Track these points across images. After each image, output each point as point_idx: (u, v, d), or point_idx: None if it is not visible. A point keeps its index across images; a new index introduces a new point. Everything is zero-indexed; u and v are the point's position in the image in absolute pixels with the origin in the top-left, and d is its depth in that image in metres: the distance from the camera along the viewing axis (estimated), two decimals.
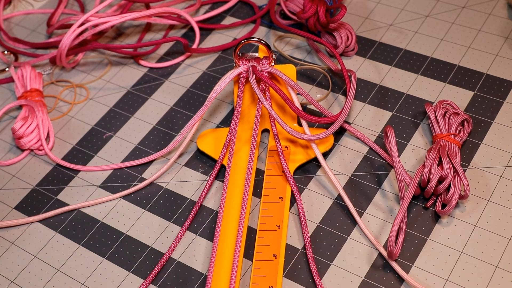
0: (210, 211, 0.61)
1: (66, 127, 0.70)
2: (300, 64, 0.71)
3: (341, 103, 0.67)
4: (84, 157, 0.67)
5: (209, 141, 0.65)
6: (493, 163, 0.60)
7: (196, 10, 0.80)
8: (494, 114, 0.63)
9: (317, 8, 0.69)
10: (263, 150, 0.64)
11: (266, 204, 0.59)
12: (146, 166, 0.65)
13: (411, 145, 0.62)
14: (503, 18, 0.72)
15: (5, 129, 0.71)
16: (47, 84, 0.75)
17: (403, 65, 0.69)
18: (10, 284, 0.59)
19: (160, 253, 0.59)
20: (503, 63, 0.67)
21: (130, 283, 0.57)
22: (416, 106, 0.65)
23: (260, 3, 0.79)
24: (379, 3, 0.76)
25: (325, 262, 0.56)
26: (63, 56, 0.72)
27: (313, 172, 0.62)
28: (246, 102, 0.65)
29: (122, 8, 0.80)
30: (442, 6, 0.74)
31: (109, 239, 0.60)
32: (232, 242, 0.56)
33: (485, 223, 0.56)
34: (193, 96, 0.71)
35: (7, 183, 0.66)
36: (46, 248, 0.61)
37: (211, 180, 0.62)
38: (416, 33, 0.72)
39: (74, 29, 0.71)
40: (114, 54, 0.77)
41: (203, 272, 0.57)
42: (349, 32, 0.70)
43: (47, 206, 0.64)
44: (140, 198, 0.63)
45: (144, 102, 0.71)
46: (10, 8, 0.86)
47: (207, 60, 0.74)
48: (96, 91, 0.73)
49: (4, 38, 0.81)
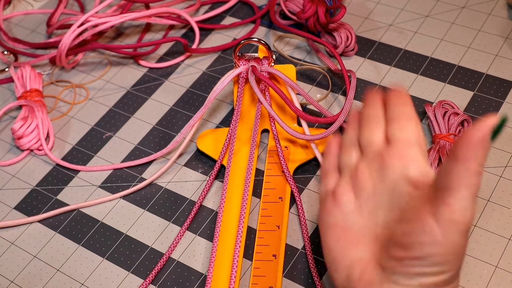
0: (210, 211, 0.61)
1: (66, 127, 0.70)
2: (299, 64, 0.71)
3: (341, 103, 0.67)
4: (84, 157, 0.67)
5: (209, 141, 0.65)
6: (493, 163, 0.60)
7: (196, 10, 0.80)
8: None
9: (316, 8, 0.69)
10: (263, 150, 0.64)
11: (266, 204, 0.59)
12: (146, 166, 0.65)
13: None
14: (503, 18, 0.72)
15: (5, 129, 0.71)
16: (47, 84, 0.75)
17: (403, 65, 0.69)
18: (10, 284, 0.59)
19: (160, 253, 0.59)
20: (503, 63, 0.67)
21: (130, 283, 0.57)
22: (416, 106, 0.65)
23: (260, 3, 0.79)
24: (379, 3, 0.76)
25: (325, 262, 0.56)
26: (63, 56, 0.72)
27: (313, 172, 0.62)
28: (245, 102, 0.65)
29: (122, 8, 0.80)
30: (442, 6, 0.74)
31: (109, 239, 0.60)
32: (231, 242, 0.56)
33: (485, 223, 0.56)
34: (193, 96, 0.70)
35: (7, 183, 0.66)
36: (46, 248, 0.61)
37: (211, 180, 0.62)
38: (416, 33, 0.72)
39: (74, 29, 0.71)
40: (114, 54, 0.77)
41: (202, 272, 0.57)
42: (348, 32, 0.70)
43: (47, 206, 0.64)
44: (140, 198, 0.63)
45: (144, 102, 0.71)
46: (10, 8, 0.86)
47: (207, 60, 0.74)
48: (95, 91, 0.73)
49: (4, 38, 0.81)
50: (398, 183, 0.42)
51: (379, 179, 0.43)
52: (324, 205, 0.46)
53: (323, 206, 0.46)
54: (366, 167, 0.44)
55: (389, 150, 0.43)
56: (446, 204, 0.39)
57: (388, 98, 0.46)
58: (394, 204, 0.42)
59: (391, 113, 0.45)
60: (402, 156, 0.43)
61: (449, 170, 0.39)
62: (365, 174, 0.44)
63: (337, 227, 0.45)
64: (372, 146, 0.45)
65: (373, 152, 0.45)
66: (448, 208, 0.38)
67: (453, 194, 0.38)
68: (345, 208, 0.45)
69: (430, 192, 0.40)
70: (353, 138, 0.47)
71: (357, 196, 0.44)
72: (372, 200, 0.44)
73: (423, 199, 0.40)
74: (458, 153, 0.38)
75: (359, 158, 0.46)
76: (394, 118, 0.45)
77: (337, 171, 0.47)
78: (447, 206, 0.39)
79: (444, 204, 0.39)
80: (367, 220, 0.44)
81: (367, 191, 0.44)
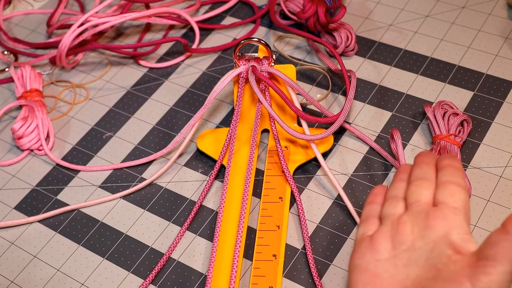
0: (210, 211, 0.61)
1: (66, 127, 0.70)
2: (300, 64, 0.71)
3: (341, 103, 0.67)
4: (84, 157, 0.67)
5: (209, 141, 0.65)
6: (493, 163, 0.60)
7: (196, 10, 0.80)
8: (494, 114, 0.63)
9: (316, 8, 0.69)
10: (263, 150, 0.64)
11: (266, 204, 0.59)
12: (146, 166, 0.65)
13: (411, 145, 0.62)
14: (503, 18, 0.72)
15: (5, 129, 0.71)
16: (47, 84, 0.75)
17: (403, 65, 0.69)
18: (10, 284, 0.59)
19: (160, 253, 0.59)
20: (503, 63, 0.67)
21: (130, 283, 0.57)
22: (416, 106, 0.65)
23: (260, 3, 0.79)
24: (379, 3, 0.76)
25: (325, 262, 0.56)
26: (63, 56, 0.72)
27: (313, 172, 0.62)
28: (246, 102, 0.65)
29: (122, 8, 0.80)
30: (442, 6, 0.74)
31: (109, 239, 0.60)
32: (231, 242, 0.56)
33: (485, 223, 0.56)
34: (193, 96, 0.70)
35: (7, 183, 0.66)
36: (46, 248, 0.61)
37: (211, 180, 0.62)
38: (416, 33, 0.72)
39: (74, 29, 0.71)
40: (114, 54, 0.77)
41: (203, 272, 0.57)
42: (348, 32, 0.70)
43: (47, 206, 0.64)
44: (140, 198, 0.63)
45: (144, 102, 0.71)
46: (10, 8, 0.86)
47: (207, 60, 0.74)
48: (96, 91, 0.73)
49: (4, 38, 0.81)
50: (439, 244, 0.43)
51: (420, 236, 0.44)
52: (358, 248, 0.47)
53: (357, 249, 0.47)
54: (409, 221, 0.45)
55: (435, 211, 0.45)
56: (486, 273, 0.40)
57: (441, 162, 0.48)
58: (431, 262, 0.43)
59: (443, 176, 0.47)
60: (447, 220, 0.44)
61: (497, 242, 0.40)
62: (407, 228, 0.45)
63: (367, 272, 0.45)
64: (419, 203, 0.46)
65: (419, 209, 0.46)
66: (487, 277, 0.40)
67: (495, 265, 0.40)
68: (380, 255, 0.45)
69: (471, 259, 0.41)
70: (400, 191, 0.48)
71: (395, 247, 0.45)
72: (409, 254, 0.44)
73: (462, 264, 0.41)
74: (508, 228, 0.40)
75: (403, 212, 0.47)
76: (445, 182, 0.46)
77: (378, 219, 0.48)
78: (487, 275, 0.40)
79: (484, 272, 0.40)
80: (399, 271, 0.44)
81: (406, 244, 0.45)
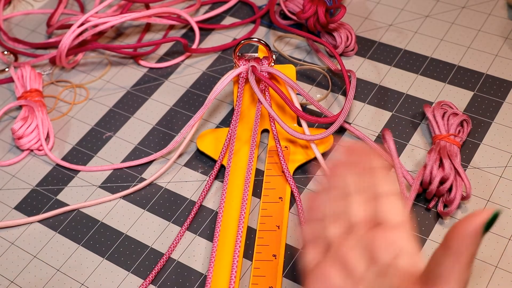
0: (210, 211, 0.61)
1: (66, 127, 0.70)
2: (299, 64, 0.71)
3: (341, 103, 0.67)
4: (84, 157, 0.67)
5: (209, 141, 0.65)
6: (493, 163, 0.60)
7: (196, 10, 0.80)
8: (494, 114, 0.63)
9: (316, 8, 0.69)
10: (263, 150, 0.64)
11: (266, 204, 0.59)
12: (146, 166, 0.65)
13: (411, 145, 0.62)
14: (503, 18, 0.72)
15: (5, 129, 0.71)
16: (47, 84, 0.75)
17: (403, 65, 0.69)
18: (10, 284, 0.59)
19: (160, 253, 0.59)
20: (502, 63, 0.67)
21: (130, 283, 0.57)
22: (415, 106, 0.65)
23: (260, 3, 0.79)
24: (379, 3, 0.76)
25: None
26: (63, 56, 0.72)
27: (313, 172, 0.62)
28: (245, 102, 0.65)
29: (122, 8, 0.79)
30: (442, 6, 0.74)
31: (109, 239, 0.60)
32: (231, 242, 0.56)
33: None
34: (193, 96, 0.71)
35: (7, 183, 0.66)
36: (46, 248, 0.61)
37: (211, 180, 0.62)
38: (416, 33, 0.72)
39: (74, 29, 0.71)
40: (114, 54, 0.77)
41: (202, 272, 0.57)
42: (348, 32, 0.70)
43: (47, 206, 0.64)
44: (140, 198, 0.63)
45: (144, 102, 0.71)
46: (10, 8, 0.86)
47: (206, 60, 0.74)
48: (96, 91, 0.73)
49: (4, 38, 0.81)
50: (388, 275, 0.41)
51: (370, 268, 0.41)
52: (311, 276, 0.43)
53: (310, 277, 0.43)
54: (356, 249, 0.42)
55: (379, 238, 0.41)
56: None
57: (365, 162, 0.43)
58: (385, 285, 0.41)
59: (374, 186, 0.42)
60: (392, 245, 0.41)
61: (441, 261, 0.39)
62: (355, 257, 0.42)
63: None
64: (360, 225, 0.42)
65: (362, 232, 0.42)
66: None
67: (443, 285, 0.38)
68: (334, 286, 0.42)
69: (421, 280, 0.40)
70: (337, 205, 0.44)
71: (347, 276, 0.42)
72: (362, 284, 0.42)
73: (413, 284, 0.40)
74: (450, 245, 0.38)
75: (346, 232, 0.43)
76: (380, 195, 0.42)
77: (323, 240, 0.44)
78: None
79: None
80: None
81: (357, 275, 0.42)
